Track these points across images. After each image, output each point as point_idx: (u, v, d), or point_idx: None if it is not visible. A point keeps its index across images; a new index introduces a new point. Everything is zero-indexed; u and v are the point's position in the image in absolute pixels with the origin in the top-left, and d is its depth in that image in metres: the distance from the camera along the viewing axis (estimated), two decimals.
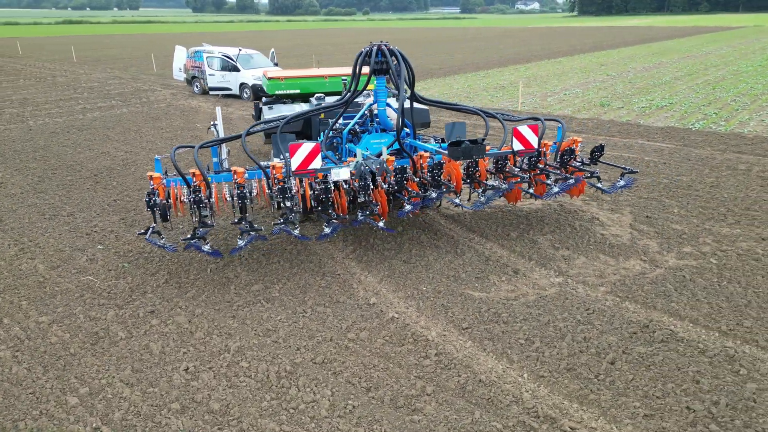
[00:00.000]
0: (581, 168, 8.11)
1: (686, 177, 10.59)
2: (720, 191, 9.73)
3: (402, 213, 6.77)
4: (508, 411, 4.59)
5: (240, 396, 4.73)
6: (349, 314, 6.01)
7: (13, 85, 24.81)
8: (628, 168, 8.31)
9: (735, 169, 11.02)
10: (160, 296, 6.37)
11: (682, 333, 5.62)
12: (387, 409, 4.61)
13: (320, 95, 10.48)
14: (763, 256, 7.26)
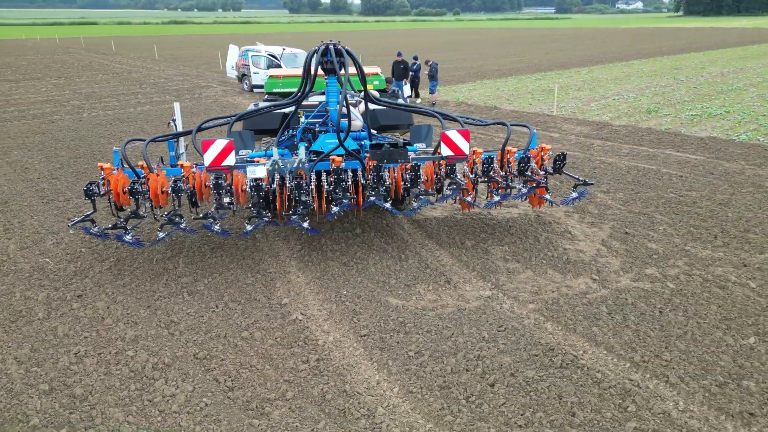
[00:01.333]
0: (532, 177, 7.66)
1: (696, 192, 9.70)
2: (726, 210, 8.84)
3: (329, 215, 6.71)
4: (355, 424, 4.44)
5: (107, 384, 4.90)
6: (256, 312, 6.05)
7: (90, 80, 26.95)
8: (582, 179, 7.81)
9: (760, 186, 9.95)
10: (96, 282, 6.71)
11: (586, 360, 5.18)
12: (236, 410, 4.60)
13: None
14: (734, 284, 6.53)
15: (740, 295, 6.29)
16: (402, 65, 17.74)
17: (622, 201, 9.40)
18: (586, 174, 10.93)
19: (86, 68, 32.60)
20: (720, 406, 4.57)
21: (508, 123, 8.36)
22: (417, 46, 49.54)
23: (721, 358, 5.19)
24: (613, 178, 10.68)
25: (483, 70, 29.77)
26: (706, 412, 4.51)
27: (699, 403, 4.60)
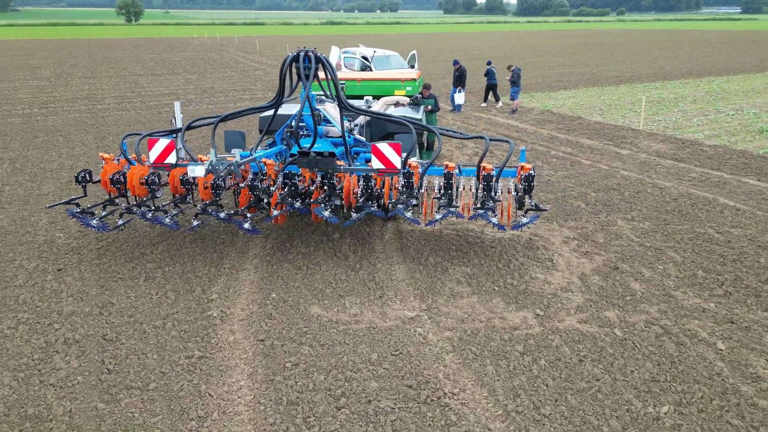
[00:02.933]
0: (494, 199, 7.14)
1: (740, 231, 8.34)
2: (760, 255, 7.50)
3: (268, 219, 6.85)
4: (187, 424, 4.58)
5: (20, 350, 5.53)
6: (182, 304, 6.39)
7: (217, 76, 29.63)
8: (534, 204, 7.12)
9: None
10: (80, 259, 7.53)
11: (454, 399, 4.80)
12: (95, 392, 4.92)
13: (368, 98, 10.74)
14: (698, 342, 5.60)
15: (693, 356, 5.37)
16: (457, 72, 17.57)
17: (641, 232, 8.38)
18: (622, 198, 9.87)
19: (222, 65, 35.87)
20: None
21: (487, 138, 7.87)
22: (546, 48, 47.43)
23: (609, 423, 4.51)
24: (651, 205, 9.51)
25: (598, 77, 27.73)
26: None
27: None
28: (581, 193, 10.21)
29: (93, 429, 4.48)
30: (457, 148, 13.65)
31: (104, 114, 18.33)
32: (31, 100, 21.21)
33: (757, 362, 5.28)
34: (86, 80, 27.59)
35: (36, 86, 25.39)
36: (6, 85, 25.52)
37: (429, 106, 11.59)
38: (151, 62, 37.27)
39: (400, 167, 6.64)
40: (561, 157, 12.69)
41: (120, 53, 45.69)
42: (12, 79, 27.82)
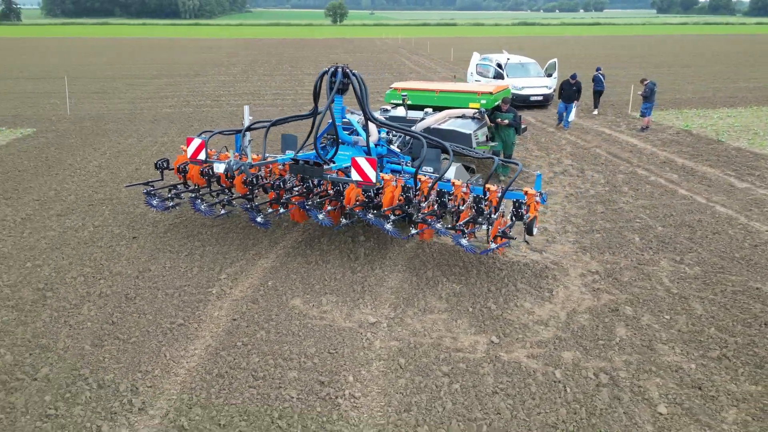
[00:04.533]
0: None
1: None
2: None
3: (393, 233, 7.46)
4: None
5: (51, 282, 7.15)
6: (185, 276, 7.54)
7: (374, 77, 31.47)
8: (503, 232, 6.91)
9: None
10: (152, 231, 9.18)
11: (288, 400, 5.19)
12: (62, 334, 6.27)
13: (428, 110, 11.21)
14: (643, 401, 5.19)
15: (618, 413, 5.01)
16: (574, 87, 16.41)
17: (680, 276, 7.60)
18: (691, 237, 8.90)
19: (384, 67, 37.82)
20: None
21: (497, 158, 7.77)
22: (741, 56, 41.36)
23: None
24: (719, 249, 8.46)
25: (701, 96, 23.75)
26: None
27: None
28: (646, 225, 9.39)
29: (71, 365, 5.75)
30: (539, 166, 13.20)
31: (254, 110, 20.90)
32: (209, 93, 24.95)
33: None
34: (263, 77, 31.34)
35: (221, 81, 29.62)
36: (199, 79, 30.18)
37: (506, 121, 11.47)
38: (327, 62, 40.70)
39: (375, 180, 6.99)
40: (656, 185, 11.60)
41: (308, 53, 50.53)
42: (208, 74, 32.72)
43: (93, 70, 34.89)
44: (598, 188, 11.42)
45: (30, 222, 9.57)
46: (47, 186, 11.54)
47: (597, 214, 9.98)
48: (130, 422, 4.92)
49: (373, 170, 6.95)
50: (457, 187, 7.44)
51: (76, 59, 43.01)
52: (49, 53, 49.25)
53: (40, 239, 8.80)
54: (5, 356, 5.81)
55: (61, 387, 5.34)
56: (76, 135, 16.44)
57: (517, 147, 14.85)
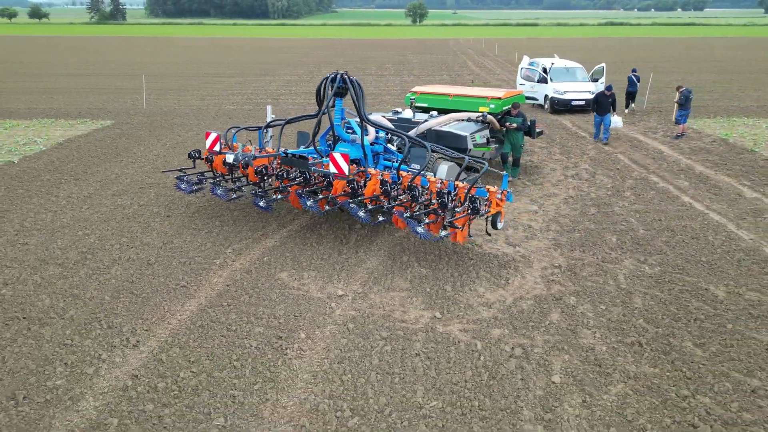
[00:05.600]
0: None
1: (756, 296, 7.50)
2: (741, 325, 6.87)
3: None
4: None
5: (82, 246, 8.75)
6: (200, 251, 8.94)
7: (432, 79, 32.36)
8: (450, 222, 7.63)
9: None
10: (184, 211, 10.72)
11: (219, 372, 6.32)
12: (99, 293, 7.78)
13: (434, 113, 12.16)
14: (540, 367, 5.98)
15: (516, 376, 5.83)
16: (610, 99, 15.81)
17: (636, 275, 8.14)
18: (668, 242, 9.32)
19: (444, 68, 38.55)
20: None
21: (467, 157, 8.60)
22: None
23: (387, 401, 5.55)
24: (691, 253, 8.85)
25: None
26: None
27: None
28: (628, 228, 9.85)
29: (91, 310, 7.24)
30: (552, 170, 13.68)
31: (300, 109, 22.47)
32: (271, 92, 26.87)
33: (575, 400, 5.51)
34: None
35: (286, 81, 31.60)
36: (266, 78, 32.33)
37: (514, 124, 12.14)
38: (390, 64, 41.99)
39: (347, 173, 8.05)
40: (662, 191, 11.88)
41: (377, 54, 52.05)
42: (276, 74, 34.89)
43: (177, 68, 38.07)
44: (601, 192, 11.87)
45: (90, 199, 11.40)
46: (110, 170, 13.48)
47: (587, 215, 10.52)
48: (124, 354, 6.30)
49: (346, 164, 8.04)
50: (432, 182, 8.37)
51: (165, 57, 46.82)
52: (143, 51, 53.77)
53: (93, 213, 10.57)
54: (45, 300, 7.40)
55: (80, 325, 6.84)
56: (146, 127, 18.61)
57: (541, 150, 15.42)
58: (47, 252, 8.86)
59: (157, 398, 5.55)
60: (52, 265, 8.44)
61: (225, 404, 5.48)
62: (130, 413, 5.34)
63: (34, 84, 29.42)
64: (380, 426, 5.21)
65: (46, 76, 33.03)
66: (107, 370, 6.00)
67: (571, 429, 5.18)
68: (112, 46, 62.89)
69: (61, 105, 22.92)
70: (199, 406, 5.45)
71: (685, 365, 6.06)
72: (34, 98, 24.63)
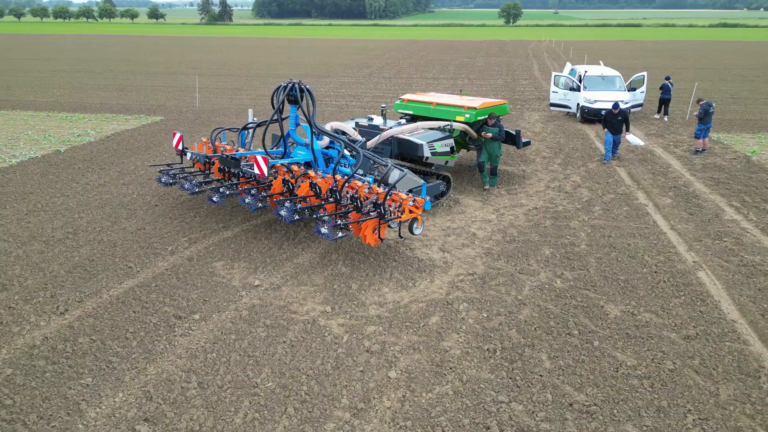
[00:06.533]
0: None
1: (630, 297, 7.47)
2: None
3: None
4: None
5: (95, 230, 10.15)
6: (197, 231, 10.08)
7: (484, 83, 32.30)
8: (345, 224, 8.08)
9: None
10: (173, 202, 11.99)
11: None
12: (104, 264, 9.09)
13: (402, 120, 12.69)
14: (362, 345, 6.48)
15: (326, 341, 6.35)
16: (619, 116, 14.64)
17: (536, 282, 8.28)
18: (600, 259, 9.29)
19: (506, 72, 38.11)
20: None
21: (390, 162, 9.08)
22: None
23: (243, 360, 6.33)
24: (615, 268, 8.79)
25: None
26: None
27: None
28: (568, 243, 9.88)
29: (40, 276, 8.56)
30: (548, 172, 13.63)
31: (341, 111, 23.47)
32: (319, 93, 28.13)
33: (396, 395, 5.98)
34: (382, 80, 33.93)
35: (341, 82, 32.83)
36: (324, 80, 33.75)
37: (489, 134, 12.33)
38: (453, 67, 42.12)
39: (266, 173, 8.83)
40: (636, 207, 11.63)
41: (446, 56, 52.24)
42: (336, 75, 36.26)
43: (246, 68, 40.56)
44: (571, 205, 11.82)
45: (102, 187, 13.01)
46: (133, 162, 15.15)
47: (538, 227, 10.61)
48: (50, 319, 7.49)
49: (265, 166, 8.85)
50: (358, 187, 8.99)
51: (242, 57, 49.86)
52: (226, 51, 57.46)
53: (95, 199, 12.11)
54: (15, 270, 8.82)
55: (29, 293, 8.14)
56: (189, 123, 20.42)
57: (542, 160, 15.37)
58: (40, 230, 10.39)
59: (50, 357, 6.66)
60: (38, 241, 9.93)
61: (99, 367, 6.48)
62: (23, 366, 6.47)
63: (113, 81, 32.69)
64: (212, 398, 5.97)
65: (126, 74, 36.49)
66: (29, 330, 7.21)
67: (374, 419, 5.66)
68: (203, 45, 67.64)
69: (128, 101, 25.50)
70: (78, 366, 6.48)
71: (521, 374, 6.30)
72: (109, 94, 27.54)
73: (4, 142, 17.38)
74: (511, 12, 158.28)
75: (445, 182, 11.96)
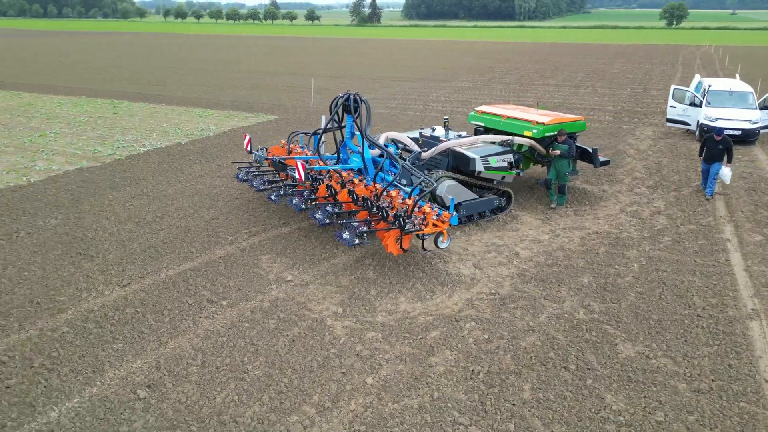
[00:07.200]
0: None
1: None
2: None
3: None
4: None
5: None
6: (227, 222, 11.19)
7: (612, 91, 30.43)
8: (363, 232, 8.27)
9: None
10: (250, 195, 13.20)
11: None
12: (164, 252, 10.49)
13: (462, 132, 12.72)
14: (327, 329, 6.83)
15: (325, 340, 6.76)
16: (720, 145, 12.65)
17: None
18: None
19: (626, 81, 35.42)
20: None
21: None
22: None
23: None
24: (665, 319, 8.22)
25: None
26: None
27: None
28: (613, 273, 9.33)
29: (107, 245, 10.00)
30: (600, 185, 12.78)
31: (437, 118, 23.62)
32: (432, 98, 28.53)
33: (363, 401, 6.30)
34: (498, 86, 33.43)
35: (455, 88, 32.89)
36: (441, 84, 34.02)
37: (557, 151, 11.91)
38: (582, 73, 40.02)
39: (303, 178, 9.41)
40: (714, 242, 10.56)
41: (578, 60, 49.67)
42: (456, 80, 36.35)
43: (371, 70, 42.08)
44: (638, 233, 11.05)
45: (200, 178, 14.65)
46: (233, 157, 16.74)
47: (589, 253, 10.13)
48: (103, 289, 8.82)
49: (303, 171, 9.50)
50: (392, 197, 9.32)
51: (370, 59, 51.70)
52: (369, 53, 59.87)
53: (189, 188, 13.70)
54: (89, 236, 10.42)
55: (82, 256, 9.61)
56: (295, 123, 21.94)
57: (632, 181, 14.45)
58: (137, 212, 12.07)
59: (99, 321, 7.88)
60: (131, 222, 11.57)
61: (132, 336, 7.56)
62: (77, 327, 7.75)
63: (250, 80, 35.80)
64: (206, 377, 6.74)
65: (262, 74, 39.67)
66: (94, 297, 8.56)
67: (334, 419, 6.04)
68: (343, 47, 71.07)
69: (254, 100, 27.92)
70: (117, 332, 7.62)
71: (494, 401, 6.27)
72: (243, 93, 30.32)
73: (141, 132, 20.12)
74: (675, 13, 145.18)
75: (505, 198, 11.80)
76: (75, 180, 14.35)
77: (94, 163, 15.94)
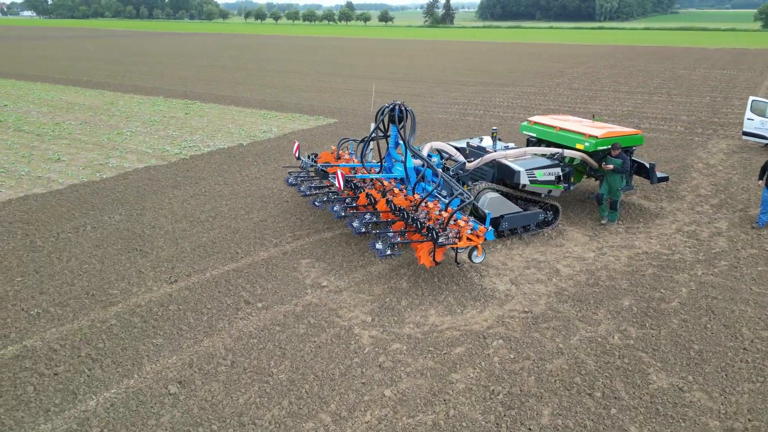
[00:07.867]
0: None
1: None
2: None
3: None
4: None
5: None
6: (270, 224, 11.57)
7: (683, 100, 28.88)
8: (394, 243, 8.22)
9: None
10: (299, 198, 13.58)
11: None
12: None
13: (511, 144, 12.49)
14: (351, 332, 6.93)
15: (350, 348, 6.90)
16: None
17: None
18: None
19: (705, 90, 33.34)
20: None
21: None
22: None
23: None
24: (707, 350, 7.81)
25: None
26: None
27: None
28: (658, 298, 8.92)
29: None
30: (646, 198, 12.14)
31: (490, 125, 23.28)
32: (495, 103, 28.12)
33: (379, 413, 6.40)
34: (565, 91, 32.46)
35: (519, 93, 32.22)
36: (504, 89, 33.44)
37: (609, 166, 11.48)
38: (659, 80, 38.12)
39: (343, 187, 9.53)
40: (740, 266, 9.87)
41: (659, 66, 47.30)
42: (521, 84, 35.61)
43: (435, 73, 41.93)
44: (693, 256, 10.50)
45: (255, 180, 15.21)
46: (289, 160, 17.24)
47: (635, 275, 9.73)
48: (149, 284, 9.36)
49: (342, 180, 9.65)
50: (429, 207, 9.35)
51: (437, 61, 51.48)
52: (435, 55, 59.75)
53: (244, 189, 14.26)
54: (146, 233, 11.06)
55: (138, 251, 10.20)
56: (354, 127, 22.28)
57: (695, 198, 13.75)
58: (192, 211, 12.71)
59: (144, 316, 8.40)
60: (186, 220, 12.20)
61: (171, 332, 8.01)
62: (124, 320, 8.29)
63: (315, 83, 36.59)
64: (233, 377, 7.05)
65: (329, 76, 40.42)
66: (143, 293, 9.12)
67: (348, 429, 6.17)
68: (411, 48, 71.18)
69: (317, 102, 28.54)
70: (158, 328, 8.10)
71: (510, 423, 6.20)
72: (307, 95, 31.07)
73: (207, 132, 21.09)
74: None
75: (552, 211, 11.52)
76: (142, 177, 15.27)
77: (161, 162, 16.89)
